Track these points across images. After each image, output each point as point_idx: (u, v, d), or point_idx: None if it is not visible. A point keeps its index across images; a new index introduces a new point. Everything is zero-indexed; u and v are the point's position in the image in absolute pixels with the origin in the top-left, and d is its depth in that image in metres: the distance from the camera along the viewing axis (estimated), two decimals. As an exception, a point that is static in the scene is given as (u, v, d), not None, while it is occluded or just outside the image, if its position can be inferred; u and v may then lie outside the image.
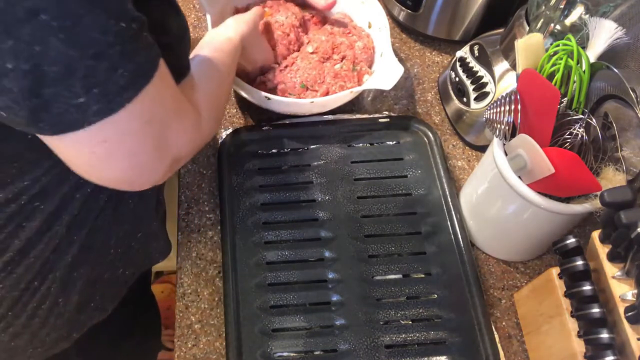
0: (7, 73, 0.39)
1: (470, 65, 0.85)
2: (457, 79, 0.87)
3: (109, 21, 0.40)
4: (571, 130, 0.61)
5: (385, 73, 0.80)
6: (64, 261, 0.61)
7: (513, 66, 0.80)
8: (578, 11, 0.69)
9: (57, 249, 0.59)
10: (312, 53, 0.86)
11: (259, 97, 0.79)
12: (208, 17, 0.83)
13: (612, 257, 0.57)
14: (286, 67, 0.85)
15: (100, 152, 0.45)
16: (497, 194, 0.69)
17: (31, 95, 0.40)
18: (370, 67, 0.88)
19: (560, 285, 0.62)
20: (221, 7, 0.86)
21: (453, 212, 0.76)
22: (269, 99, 0.78)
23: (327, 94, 0.83)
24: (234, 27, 0.74)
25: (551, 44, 0.64)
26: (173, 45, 0.55)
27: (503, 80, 0.80)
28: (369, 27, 0.90)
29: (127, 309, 0.78)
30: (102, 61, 0.41)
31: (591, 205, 0.61)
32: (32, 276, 0.59)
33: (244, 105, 0.88)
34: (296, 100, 0.79)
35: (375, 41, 0.89)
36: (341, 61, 0.86)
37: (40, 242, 0.57)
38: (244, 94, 0.82)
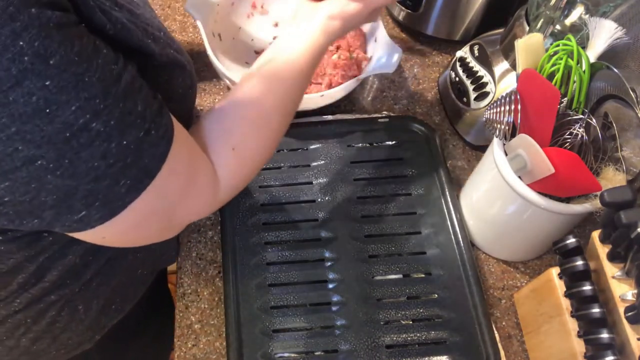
0: (3, 203, 0.40)
1: (470, 65, 0.85)
2: (457, 79, 0.87)
3: (110, 145, 0.40)
4: (571, 130, 0.61)
5: (385, 56, 0.80)
6: (83, 279, 0.60)
7: (513, 66, 0.80)
8: (578, 11, 0.69)
9: (72, 271, 0.59)
10: None
11: None
12: (199, 25, 0.82)
13: (612, 257, 0.57)
14: None
15: (106, 241, 0.47)
16: (497, 194, 0.69)
17: (32, 216, 0.41)
18: (365, 53, 0.88)
19: (560, 285, 0.62)
20: (213, 13, 0.84)
21: (453, 212, 0.76)
22: None
23: (331, 85, 0.83)
24: (318, 29, 0.58)
25: (551, 44, 0.64)
26: (174, 107, 0.52)
27: (503, 80, 0.80)
28: None
29: (144, 304, 0.78)
30: (102, 181, 0.41)
31: (591, 205, 0.61)
32: (49, 292, 0.59)
33: (244, 106, 0.88)
34: (307, 96, 0.79)
35: (365, 27, 0.89)
36: (337, 51, 0.86)
37: (54, 269, 0.57)
38: None
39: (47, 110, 0.36)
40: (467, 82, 0.84)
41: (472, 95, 0.83)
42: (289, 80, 0.55)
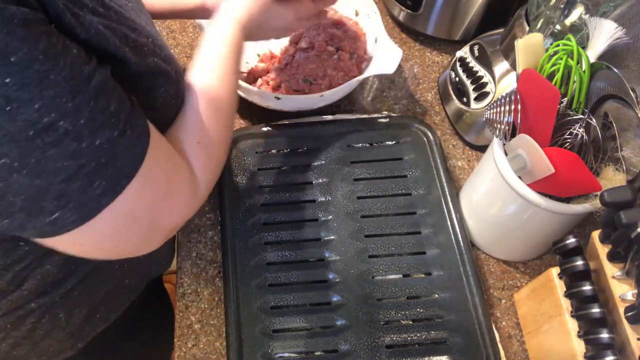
0: None
1: (470, 65, 0.85)
2: (457, 79, 0.87)
3: (81, 144, 0.39)
4: (571, 130, 0.61)
5: (385, 57, 0.80)
6: (63, 288, 0.59)
7: (513, 66, 0.80)
8: (578, 11, 0.69)
9: (52, 280, 0.58)
10: (307, 48, 0.86)
11: (267, 97, 0.79)
12: (200, 25, 0.82)
13: (612, 257, 0.57)
14: (287, 64, 0.85)
15: (83, 250, 0.46)
16: (497, 194, 0.69)
17: (2, 216, 0.40)
18: (365, 54, 0.88)
19: (560, 285, 0.62)
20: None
21: (453, 212, 0.76)
22: (278, 98, 0.78)
23: (331, 85, 0.83)
24: (230, 18, 0.63)
25: (551, 44, 0.64)
26: (156, 116, 0.51)
27: (503, 80, 0.80)
28: (357, 15, 0.91)
29: (136, 309, 0.77)
30: (74, 182, 0.39)
31: (591, 205, 0.61)
32: (28, 300, 0.58)
33: (243, 106, 0.88)
34: (306, 97, 0.79)
35: (365, 28, 0.89)
36: (337, 52, 0.86)
37: (32, 278, 0.55)
38: (249, 98, 0.82)
39: (8, 108, 0.35)
40: (467, 82, 0.85)
41: (472, 95, 0.83)
42: (226, 67, 0.59)
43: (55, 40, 0.37)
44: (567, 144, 0.62)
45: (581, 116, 0.62)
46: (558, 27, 0.71)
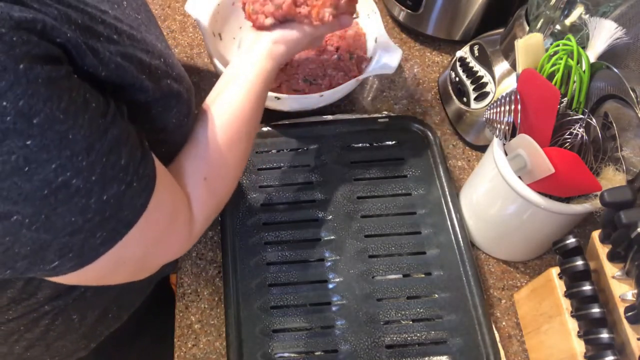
0: None
1: (470, 65, 0.85)
2: (457, 79, 0.87)
3: (90, 200, 0.39)
4: (571, 130, 0.61)
5: (385, 57, 0.80)
6: (76, 291, 0.60)
7: (513, 66, 0.80)
8: (578, 11, 0.69)
9: (67, 287, 0.58)
10: None
11: (267, 97, 0.79)
12: (200, 25, 0.82)
13: (612, 257, 0.57)
14: (286, 64, 0.85)
15: (68, 282, 0.46)
16: (497, 194, 0.69)
17: (4, 267, 0.40)
18: (365, 54, 0.88)
19: (560, 285, 0.62)
20: (213, 13, 0.83)
21: (453, 212, 0.76)
22: (278, 98, 0.78)
23: (331, 85, 0.83)
24: (265, 58, 0.60)
25: (551, 44, 0.64)
26: (168, 136, 0.51)
27: (503, 81, 0.80)
28: (357, 15, 0.91)
29: (145, 308, 0.77)
30: (78, 235, 0.40)
31: (591, 205, 0.61)
32: (42, 304, 0.59)
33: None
34: (306, 96, 0.79)
35: (365, 28, 0.89)
36: (337, 52, 0.86)
37: (46, 287, 0.56)
38: None
39: (26, 169, 0.35)
40: (467, 82, 0.84)
41: (472, 95, 0.83)
42: (247, 105, 0.57)
43: (75, 96, 0.37)
44: (567, 144, 0.62)
45: (581, 116, 0.62)
46: (558, 27, 0.71)
